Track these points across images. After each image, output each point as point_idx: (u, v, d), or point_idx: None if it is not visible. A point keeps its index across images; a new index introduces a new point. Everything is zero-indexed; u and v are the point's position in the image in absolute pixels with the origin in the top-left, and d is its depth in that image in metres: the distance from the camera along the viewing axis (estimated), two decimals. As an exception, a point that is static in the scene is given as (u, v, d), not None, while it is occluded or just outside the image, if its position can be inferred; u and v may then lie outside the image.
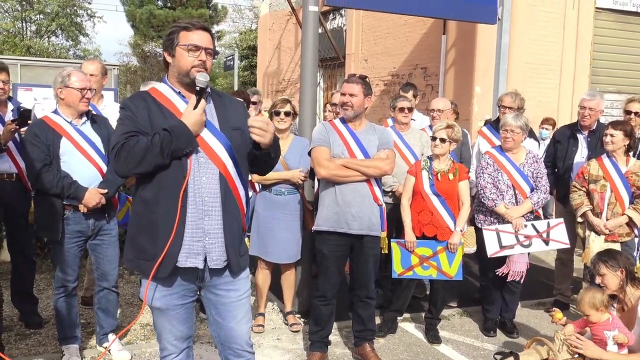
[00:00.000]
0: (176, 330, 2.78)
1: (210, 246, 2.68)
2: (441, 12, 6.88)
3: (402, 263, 4.62)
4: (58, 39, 30.64)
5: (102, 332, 4.24)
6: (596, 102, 5.44)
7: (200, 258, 2.67)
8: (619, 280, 3.67)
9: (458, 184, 4.58)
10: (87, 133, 3.98)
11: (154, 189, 2.62)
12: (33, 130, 3.90)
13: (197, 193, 2.63)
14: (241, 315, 2.84)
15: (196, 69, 2.65)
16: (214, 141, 2.68)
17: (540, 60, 9.01)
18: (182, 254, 2.63)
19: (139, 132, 2.60)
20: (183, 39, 2.66)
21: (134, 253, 2.71)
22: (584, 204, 4.91)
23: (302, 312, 5.13)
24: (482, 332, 5.06)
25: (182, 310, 2.77)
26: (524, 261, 4.83)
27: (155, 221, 2.61)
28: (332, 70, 13.34)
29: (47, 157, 3.84)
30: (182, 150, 2.58)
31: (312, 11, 5.24)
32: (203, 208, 2.65)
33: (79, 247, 4.02)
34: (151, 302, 2.72)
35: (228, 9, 30.34)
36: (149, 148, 2.53)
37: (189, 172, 2.60)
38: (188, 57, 2.65)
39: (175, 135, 2.54)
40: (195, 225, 2.64)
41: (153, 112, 2.66)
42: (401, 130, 5.26)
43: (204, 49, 2.66)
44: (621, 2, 9.37)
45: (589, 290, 3.70)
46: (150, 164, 2.55)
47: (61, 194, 3.83)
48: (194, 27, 2.68)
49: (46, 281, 5.84)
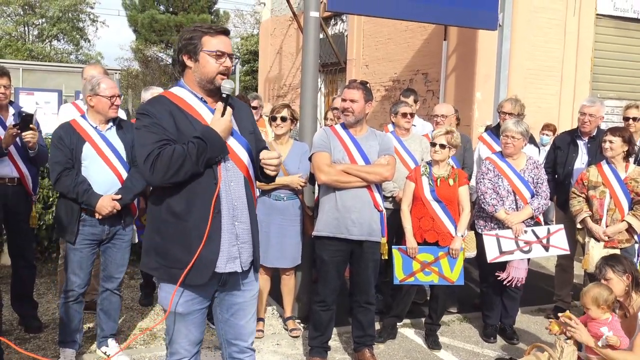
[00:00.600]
0: (191, 334, 2.80)
1: (243, 249, 2.74)
2: (442, 18, 6.90)
3: (404, 269, 4.61)
4: (60, 44, 30.75)
5: (102, 334, 4.24)
6: (596, 108, 5.45)
7: (237, 262, 2.72)
8: (625, 285, 3.67)
9: (458, 189, 4.58)
10: (111, 139, 4.03)
11: (185, 198, 2.61)
12: (59, 133, 3.96)
13: (228, 199, 2.66)
14: (251, 314, 2.92)
15: (221, 76, 2.66)
16: (237, 146, 2.71)
17: (541, 67, 9.02)
18: (221, 260, 2.66)
19: (169, 139, 2.58)
20: (207, 45, 2.64)
21: (161, 261, 2.67)
22: (583, 210, 4.91)
23: (301, 317, 5.13)
24: (482, 338, 5.05)
25: (198, 315, 2.79)
26: (524, 267, 4.83)
27: (189, 230, 2.61)
28: (333, 76, 13.36)
29: (69, 161, 3.90)
30: (215, 158, 2.60)
31: (313, 17, 5.26)
32: (234, 213, 2.69)
33: (92, 250, 4.05)
34: (172, 307, 2.71)
35: (230, 14, 30.48)
36: (186, 157, 2.52)
37: (220, 178, 2.63)
38: (214, 64, 2.64)
39: (210, 143, 2.56)
40: (229, 230, 2.68)
41: (177, 117, 2.64)
42: (402, 135, 5.27)
43: (228, 55, 2.67)
44: (622, 9, 9.39)
45: (598, 285, 3.68)
46: (186, 173, 2.55)
47: (76, 199, 3.88)
48: (216, 32, 2.67)
49: (46, 285, 5.85)
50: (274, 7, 15.85)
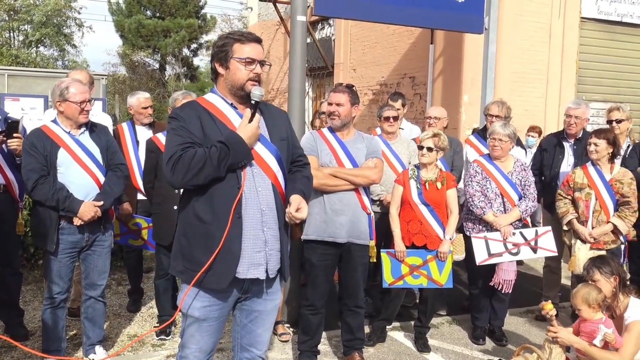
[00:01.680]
0: (203, 342, 2.78)
1: (269, 256, 2.72)
2: (429, 22, 6.93)
3: (393, 273, 4.62)
4: (46, 49, 30.53)
5: (88, 342, 4.20)
6: (582, 110, 5.49)
7: (262, 269, 2.70)
8: (612, 287, 3.69)
9: (446, 193, 4.59)
10: (85, 143, 3.96)
11: (208, 201, 2.62)
12: (31, 140, 3.87)
13: (255, 204, 2.66)
14: (270, 323, 2.93)
15: (251, 82, 2.68)
16: (265, 152, 2.71)
17: (527, 69, 9.09)
18: (242, 266, 2.65)
19: (194, 143, 2.60)
20: (238, 52, 2.67)
21: (187, 264, 2.68)
22: (569, 212, 4.94)
23: (291, 321, 5.11)
24: (471, 340, 5.06)
25: (215, 323, 2.78)
26: (513, 269, 4.85)
27: (212, 234, 2.61)
28: (320, 80, 13.38)
29: (44, 168, 3.82)
30: (239, 163, 2.61)
31: (300, 21, 5.26)
32: (262, 219, 2.68)
33: (71, 258, 3.99)
34: (188, 310, 2.72)
35: (217, 19, 30.40)
36: (207, 161, 2.53)
37: (243, 183, 2.63)
38: (244, 70, 2.67)
39: (233, 148, 2.57)
40: (255, 236, 2.66)
41: (205, 122, 2.66)
42: (389, 139, 5.27)
43: (258, 62, 2.69)
44: (606, 12, 9.49)
45: (586, 285, 3.70)
46: (207, 176, 2.56)
47: (56, 207, 3.81)
48: (247, 39, 2.69)
49: (32, 293, 5.79)
50: (261, 11, 15.85)
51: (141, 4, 28.29)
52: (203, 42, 30.75)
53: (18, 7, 28.35)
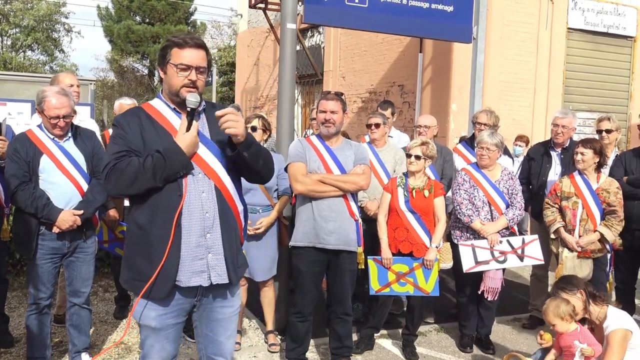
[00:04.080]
0: (164, 350, 2.73)
1: (214, 262, 2.65)
2: (417, 31, 6.98)
3: (379, 280, 4.62)
4: (34, 54, 30.37)
5: (74, 350, 4.15)
6: (568, 120, 5.54)
7: (204, 276, 2.64)
8: (582, 301, 3.72)
9: (434, 201, 4.61)
10: (69, 150, 3.91)
11: (149, 210, 2.57)
12: (14, 146, 3.83)
13: (198, 210, 2.59)
14: (231, 330, 2.85)
15: (186, 89, 2.59)
16: (207, 154, 2.64)
17: (515, 79, 9.17)
18: (182, 274, 2.59)
19: (131, 151, 2.55)
20: (175, 57, 2.59)
21: (131, 274, 2.66)
22: (556, 220, 4.97)
23: (279, 329, 5.09)
24: (459, 348, 5.07)
25: (173, 330, 2.73)
26: (499, 277, 4.87)
27: (151, 243, 2.56)
28: (310, 87, 13.40)
29: (26, 175, 3.78)
30: (177, 173, 2.55)
31: (290, 28, 5.28)
32: (205, 224, 2.61)
33: (54, 264, 3.94)
34: (139, 319, 2.67)
35: (207, 25, 30.41)
36: (140, 171, 2.48)
37: (185, 192, 2.56)
38: (178, 77, 2.59)
39: (169, 158, 2.50)
40: (196, 243, 2.60)
41: (146, 129, 2.61)
42: (376, 146, 5.27)
43: (195, 68, 2.59)
44: (592, 23, 9.61)
45: (553, 299, 3.73)
46: (141, 186, 2.51)
47: (35, 214, 3.77)
48: (187, 44, 2.59)
49: (18, 299, 5.73)
50: (251, 18, 15.87)
51: (131, 9, 28.25)
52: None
53: (7, 11, 28.19)
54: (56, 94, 3.82)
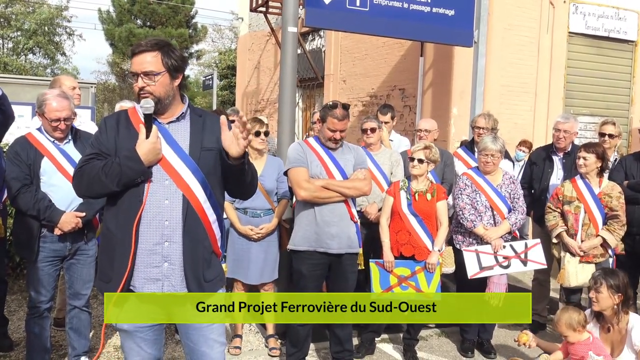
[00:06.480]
0: (144, 352, 2.71)
1: (169, 271, 2.60)
2: (418, 35, 6.98)
3: (381, 283, 4.61)
4: (36, 57, 30.40)
5: (74, 353, 4.13)
6: (570, 124, 5.53)
7: (159, 284, 2.60)
8: (613, 303, 3.69)
9: (436, 204, 4.60)
10: (70, 152, 3.91)
11: (113, 214, 2.61)
12: (15, 149, 3.84)
13: (157, 217, 2.56)
14: (213, 339, 2.74)
15: (142, 95, 2.56)
16: (179, 164, 2.59)
17: (516, 83, 9.16)
18: (136, 280, 2.58)
19: (101, 154, 2.58)
20: (131, 66, 2.62)
21: (98, 274, 2.72)
22: (558, 225, 4.96)
23: (279, 333, 5.07)
24: (460, 353, 5.05)
25: (150, 332, 2.71)
26: (504, 282, 4.86)
27: (113, 246, 2.59)
28: (310, 91, 13.41)
29: (27, 177, 3.78)
30: (133, 180, 2.53)
31: (291, 32, 5.28)
32: (164, 232, 2.57)
33: (54, 267, 3.94)
34: (116, 324, 2.68)
35: (208, 29, 30.49)
36: (99, 175, 2.51)
37: (145, 198, 2.55)
38: (134, 84, 2.60)
39: (123, 166, 2.50)
40: (151, 250, 2.57)
41: (121, 133, 2.61)
42: (371, 150, 5.23)
43: (140, 75, 2.55)
44: (593, 27, 9.61)
45: (566, 310, 3.71)
46: (100, 191, 2.56)
47: (37, 217, 3.77)
48: (134, 51, 2.58)
49: (17, 302, 5.71)
50: (252, 22, 15.88)
51: (132, 13, 28.30)
52: (193, 52, 30.82)
53: (8, 14, 28.23)
54: (57, 96, 3.82)
